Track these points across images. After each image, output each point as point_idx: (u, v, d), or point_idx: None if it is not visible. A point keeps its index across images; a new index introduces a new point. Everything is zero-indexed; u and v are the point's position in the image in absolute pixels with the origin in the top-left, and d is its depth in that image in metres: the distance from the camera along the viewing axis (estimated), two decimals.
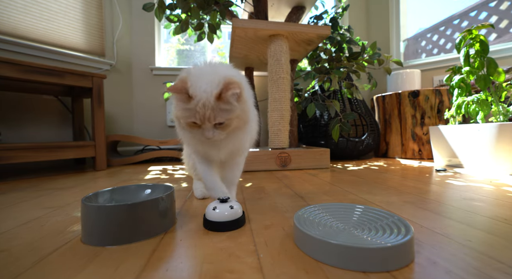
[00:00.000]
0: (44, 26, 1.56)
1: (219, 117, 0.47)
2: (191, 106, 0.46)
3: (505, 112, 1.15)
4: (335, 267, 0.35)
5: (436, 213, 0.57)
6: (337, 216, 0.49)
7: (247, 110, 0.52)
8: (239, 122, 0.51)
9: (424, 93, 1.64)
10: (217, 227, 0.49)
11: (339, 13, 1.75)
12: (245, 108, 0.51)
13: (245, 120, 0.53)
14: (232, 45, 1.41)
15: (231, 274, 0.33)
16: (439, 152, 1.35)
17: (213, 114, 0.46)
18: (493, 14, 1.84)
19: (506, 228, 0.47)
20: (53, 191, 0.88)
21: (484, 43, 1.16)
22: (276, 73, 1.30)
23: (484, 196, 0.71)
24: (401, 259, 0.35)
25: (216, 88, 0.46)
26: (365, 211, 0.49)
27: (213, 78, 0.47)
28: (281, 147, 1.32)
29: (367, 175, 1.10)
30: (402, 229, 0.40)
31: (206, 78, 0.47)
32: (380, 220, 0.45)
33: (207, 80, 0.47)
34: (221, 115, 0.47)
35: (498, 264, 0.35)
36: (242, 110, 0.50)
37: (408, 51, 2.21)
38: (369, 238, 0.39)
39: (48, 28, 1.58)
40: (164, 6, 1.45)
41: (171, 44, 2.23)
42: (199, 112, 0.46)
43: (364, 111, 1.73)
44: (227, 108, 0.47)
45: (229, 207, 0.51)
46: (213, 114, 0.46)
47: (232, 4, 1.45)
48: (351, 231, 0.42)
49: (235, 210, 0.51)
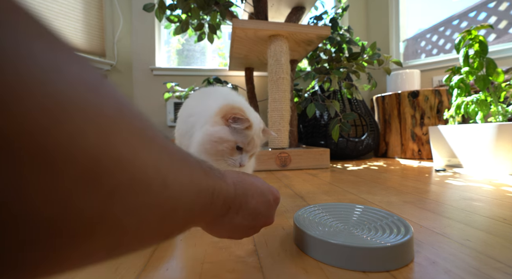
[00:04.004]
0: None
1: (259, 146, 0.56)
2: (249, 133, 0.52)
3: (504, 113, 1.15)
4: (335, 267, 0.35)
5: (435, 212, 0.57)
6: (337, 216, 0.49)
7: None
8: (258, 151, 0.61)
9: (424, 94, 1.64)
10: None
11: (339, 13, 1.75)
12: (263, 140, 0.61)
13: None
14: (232, 45, 1.41)
15: (231, 274, 0.34)
16: (439, 152, 1.35)
17: (258, 143, 0.55)
18: (492, 14, 1.85)
19: (505, 228, 0.48)
20: None
21: (483, 44, 1.16)
22: (276, 73, 1.30)
23: (483, 196, 0.71)
24: (401, 258, 0.35)
25: (260, 124, 0.57)
26: (365, 210, 0.49)
27: (256, 114, 0.58)
28: (281, 147, 1.32)
29: (366, 175, 1.10)
30: (402, 229, 0.40)
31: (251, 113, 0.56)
32: (380, 220, 0.45)
33: (253, 114, 0.56)
34: (260, 145, 0.57)
35: (497, 263, 0.35)
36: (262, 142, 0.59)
37: (407, 51, 2.22)
38: (368, 238, 0.39)
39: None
40: (164, 6, 1.45)
41: (172, 45, 2.23)
42: (255, 140, 0.53)
43: (364, 112, 1.73)
44: (262, 139, 0.57)
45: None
46: (258, 143, 0.55)
47: (232, 4, 1.45)
48: (351, 231, 0.43)
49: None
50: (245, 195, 0.30)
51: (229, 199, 0.27)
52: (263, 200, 0.32)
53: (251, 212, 0.30)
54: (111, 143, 0.12)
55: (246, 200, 0.30)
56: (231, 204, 0.28)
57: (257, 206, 0.31)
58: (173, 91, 1.79)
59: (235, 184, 0.29)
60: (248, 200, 0.30)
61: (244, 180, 0.31)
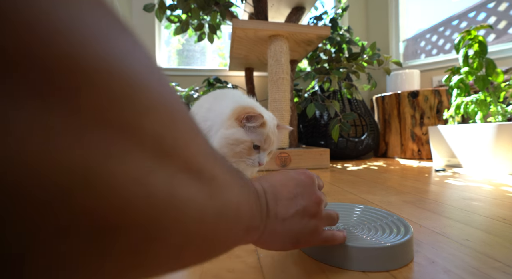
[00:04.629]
0: None
1: (276, 143, 0.56)
2: (263, 131, 0.53)
3: (504, 113, 1.15)
4: (335, 267, 0.35)
5: (435, 212, 0.57)
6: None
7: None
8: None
9: (424, 94, 1.64)
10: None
11: (339, 13, 1.75)
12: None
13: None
14: (232, 45, 1.42)
15: (231, 274, 0.34)
16: (438, 152, 1.36)
17: (274, 141, 0.55)
18: (492, 15, 1.85)
19: (504, 228, 0.48)
20: None
21: (482, 44, 1.16)
22: (276, 73, 1.30)
23: (482, 196, 0.71)
24: (400, 258, 0.35)
25: (274, 121, 0.56)
26: (365, 210, 0.49)
27: (269, 113, 0.58)
28: (281, 146, 1.33)
29: (366, 174, 1.10)
30: (402, 228, 0.40)
31: (264, 112, 0.57)
32: (379, 220, 0.45)
33: (266, 113, 0.56)
34: (276, 142, 0.56)
35: (496, 263, 0.35)
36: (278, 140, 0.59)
37: (407, 51, 2.22)
38: (368, 238, 0.40)
39: None
40: (164, 6, 1.46)
41: (172, 45, 2.24)
42: (270, 137, 0.53)
43: (364, 112, 1.73)
44: (278, 137, 0.57)
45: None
46: (274, 140, 0.55)
47: (232, 4, 1.45)
48: (350, 231, 0.43)
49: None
50: (273, 186, 0.27)
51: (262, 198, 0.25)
52: (294, 182, 0.29)
53: (287, 197, 0.27)
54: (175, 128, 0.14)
55: (277, 190, 0.27)
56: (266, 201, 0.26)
57: (290, 190, 0.28)
58: None
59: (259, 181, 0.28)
60: (278, 190, 0.27)
61: (264, 177, 0.29)
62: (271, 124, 0.54)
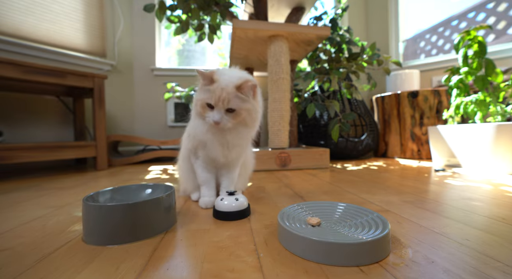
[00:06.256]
0: (46, 27, 1.57)
1: (232, 102, 0.54)
2: (212, 88, 0.53)
3: (503, 113, 1.15)
4: (334, 266, 0.35)
5: (434, 212, 0.58)
6: (320, 214, 0.51)
7: (257, 111, 0.59)
8: (248, 117, 0.57)
9: (423, 94, 1.64)
10: (225, 216, 0.55)
11: (339, 14, 1.76)
12: (256, 108, 0.58)
13: (253, 118, 0.59)
14: (232, 45, 1.42)
15: (231, 273, 0.34)
16: (438, 152, 1.36)
17: (227, 98, 0.53)
18: (491, 15, 1.85)
19: (503, 227, 0.48)
20: (55, 191, 0.88)
21: (482, 44, 1.16)
22: (276, 73, 1.30)
23: (482, 196, 0.71)
24: (376, 253, 0.36)
25: (237, 81, 0.54)
26: (347, 208, 0.51)
27: (236, 74, 0.57)
28: (281, 147, 1.33)
29: (366, 174, 1.10)
30: (380, 225, 0.42)
31: (231, 73, 0.57)
32: (360, 217, 0.47)
33: (231, 74, 0.56)
34: (235, 101, 0.54)
35: (495, 263, 0.35)
36: (253, 107, 0.57)
37: (407, 52, 2.22)
38: (349, 234, 0.41)
39: (50, 29, 1.59)
40: (164, 7, 1.46)
41: (172, 45, 2.24)
42: (216, 93, 0.53)
43: (364, 112, 1.73)
44: (242, 97, 0.54)
45: (235, 199, 0.56)
46: (228, 98, 0.53)
47: (232, 5, 1.45)
48: (332, 228, 0.45)
49: (240, 202, 0.57)
50: None
51: None
52: None
53: None
54: None
55: None
56: None
57: None
58: (173, 92, 1.79)
59: None
60: None
61: None
62: (224, 83, 0.53)
